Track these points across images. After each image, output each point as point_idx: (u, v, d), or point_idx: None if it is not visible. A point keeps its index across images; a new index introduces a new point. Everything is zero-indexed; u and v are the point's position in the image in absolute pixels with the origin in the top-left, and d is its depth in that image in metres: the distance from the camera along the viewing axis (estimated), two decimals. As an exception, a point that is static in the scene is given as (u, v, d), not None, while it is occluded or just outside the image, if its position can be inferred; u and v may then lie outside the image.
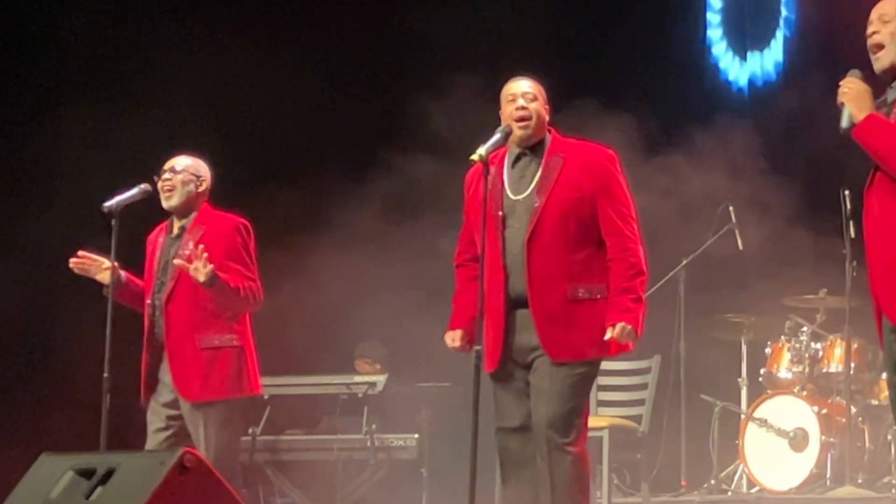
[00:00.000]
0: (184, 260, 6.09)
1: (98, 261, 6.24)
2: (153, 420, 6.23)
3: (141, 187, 6.32)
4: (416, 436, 8.32)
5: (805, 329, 8.49)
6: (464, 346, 5.59)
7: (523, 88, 5.58)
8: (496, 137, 5.48)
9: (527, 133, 5.54)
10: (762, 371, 8.58)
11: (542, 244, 5.45)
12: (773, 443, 8.20)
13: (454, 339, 5.62)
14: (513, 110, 5.54)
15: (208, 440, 6.04)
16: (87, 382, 6.74)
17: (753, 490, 8.28)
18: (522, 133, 5.54)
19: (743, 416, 8.42)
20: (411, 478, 8.30)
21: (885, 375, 7.82)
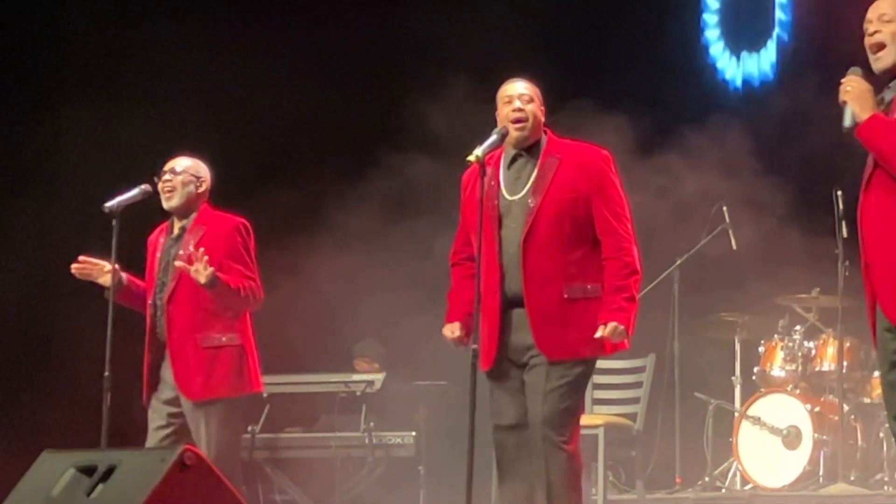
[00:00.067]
0: (184, 261, 6.08)
1: (99, 264, 6.23)
2: (154, 418, 6.23)
3: (141, 188, 6.32)
4: (414, 433, 8.33)
5: (798, 328, 8.48)
6: (462, 339, 5.55)
7: (519, 90, 5.56)
8: (493, 139, 5.46)
9: (523, 135, 5.53)
10: (756, 369, 8.57)
11: (538, 244, 5.44)
12: (767, 440, 8.20)
13: (453, 331, 5.58)
14: (509, 112, 5.52)
15: (209, 438, 6.05)
16: (88, 381, 6.75)
17: (747, 487, 8.27)
18: (519, 135, 5.52)
19: (737, 414, 8.41)
20: (409, 475, 8.30)
21: (878, 373, 7.88)
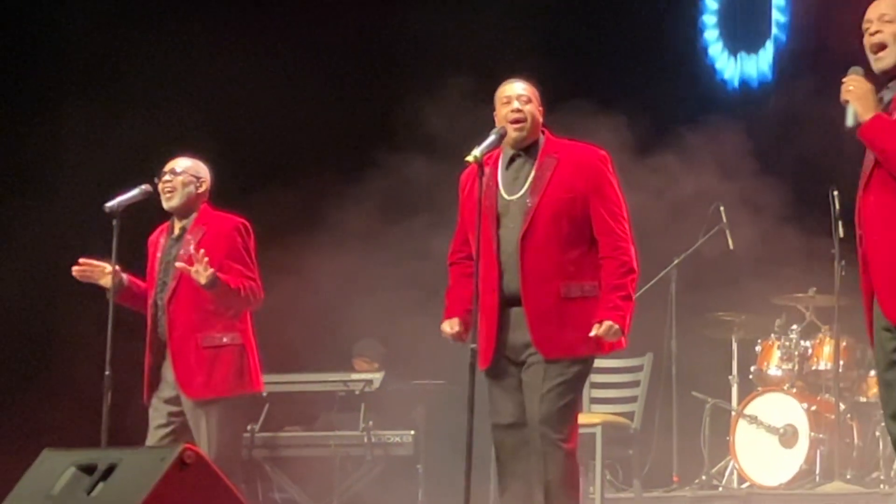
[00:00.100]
0: (185, 262, 6.09)
1: (100, 266, 6.23)
2: (154, 416, 6.24)
3: (142, 188, 6.32)
4: (412, 432, 8.35)
5: (794, 327, 8.49)
6: (461, 334, 5.56)
7: (518, 91, 5.57)
8: (491, 139, 5.48)
9: (521, 135, 5.54)
10: (752, 368, 8.58)
11: (536, 243, 5.45)
12: (763, 439, 8.22)
13: (452, 326, 5.58)
14: (507, 112, 5.54)
15: (210, 437, 6.05)
16: (89, 380, 6.76)
17: (744, 486, 8.28)
18: (517, 135, 5.54)
19: (733, 413, 8.43)
20: (407, 473, 8.32)
21: (875, 372, 7.89)
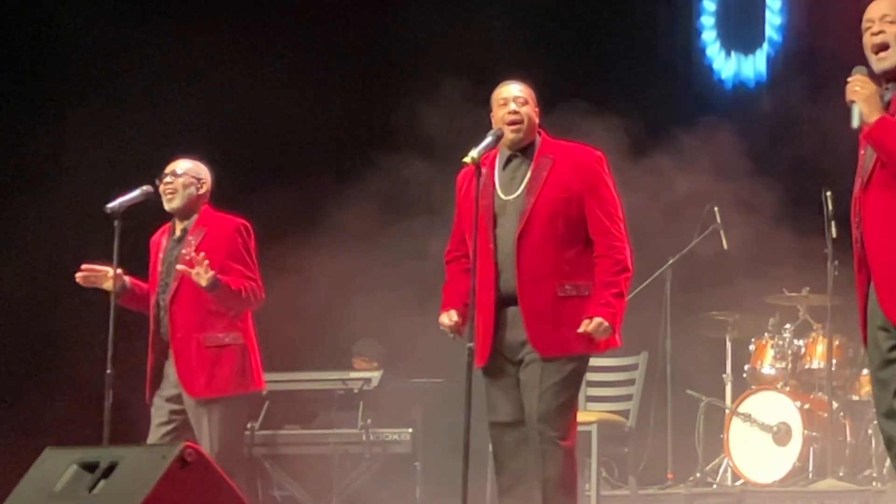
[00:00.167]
0: (185, 264, 6.12)
1: (102, 270, 6.25)
2: (156, 414, 6.26)
3: (143, 189, 6.34)
4: (410, 430, 8.34)
5: (788, 326, 8.51)
6: (459, 326, 5.56)
7: (514, 92, 5.62)
8: (488, 140, 5.51)
9: (518, 136, 5.58)
10: (746, 367, 8.59)
11: (532, 243, 5.48)
12: (757, 437, 8.24)
13: (450, 317, 5.59)
14: (504, 114, 5.58)
15: (212, 435, 6.07)
16: (91, 378, 6.78)
17: (738, 483, 8.29)
18: (514, 136, 5.58)
19: (727, 411, 8.44)
20: (405, 471, 8.33)
21: (868, 371, 7.96)
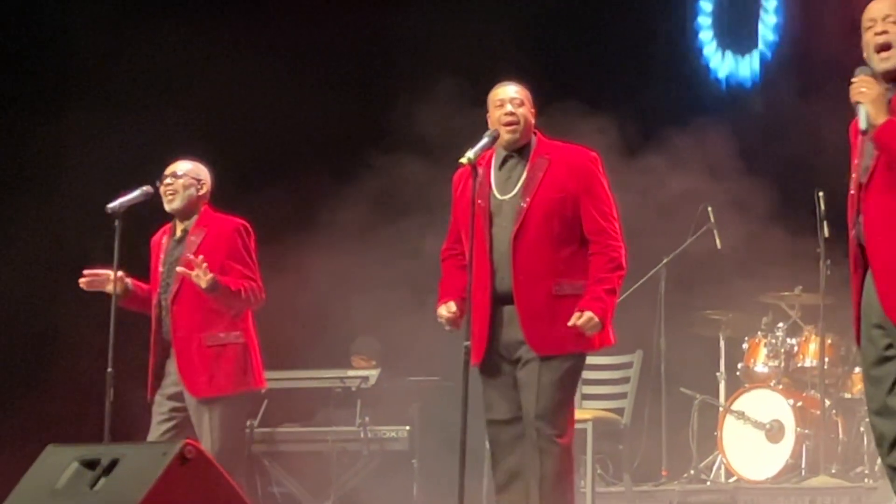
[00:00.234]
0: (185, 266, 6.15)
1: (104, 274, 6.27)
2: (157, 412, 6.28)
3: (143, 189, 6.37)
4: (408, 428, 8.40)
5: (781, 325, 8.53)
6: (457, 317, 5.57)
7: (510, 94, 5.66)
8: (484, 141, 5.54)
9: (514, 137, 5.63)
10: (739, 365, 8.64)
11: (528, 242, 5.52)
12: (751, 434, 8.28)
13: (449, 309, 5.61)
14: (501, 115, 5.63)
15: (213, 433, 6.10)
16: (92, 377, 6.82)
17: (731, 480, 8.32)
18: (510, 137, 5.63)
19: (721, 409, 8.48)
20: (403, 468, 8.37)
21: (858, 369, 8.05)
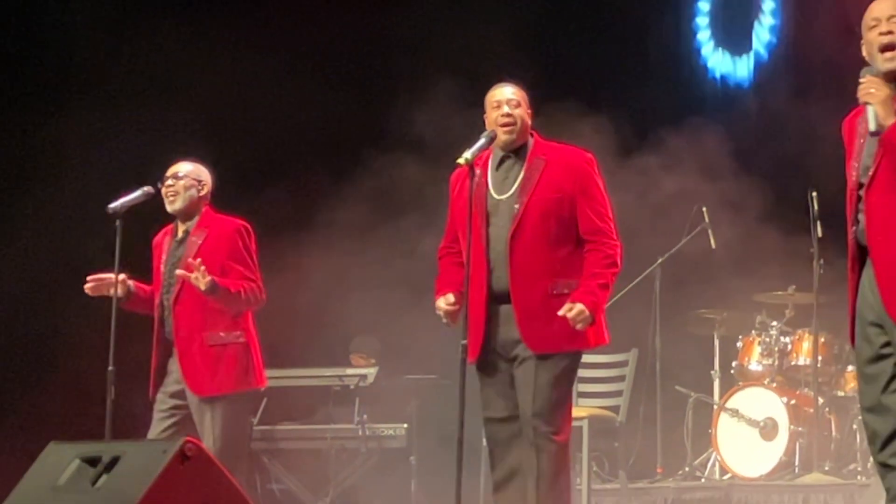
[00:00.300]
0: (185, 268, 6.19)
1: (109, 278, 6.29)
2: (159, 409, 6.32)
3: (144, 189, 6.41)
4: (406, 425, 8.44)
5: (774, 324, 8.55)
6: (455, 311, 5.60)
7: (507, 95, 5.70)
8: (481, 142, 5.58)
9: (511, 138, 5.67)
10: (734, 364, 8.67)
11: (525, 242, 5.56)
12: (745, 432, 8.31)
13: (447, 300, 5.62)
14: (498, 116, 5.67)
15: (214, 432, 6.14)
16: (93, 375, 6.82)
17: (726, 477, 8.36)
18: (507, 138, 5.67)
19: (715, 407, 8.51)
20: (401, 465, 8.41)
21: (851, 368, 8.11)
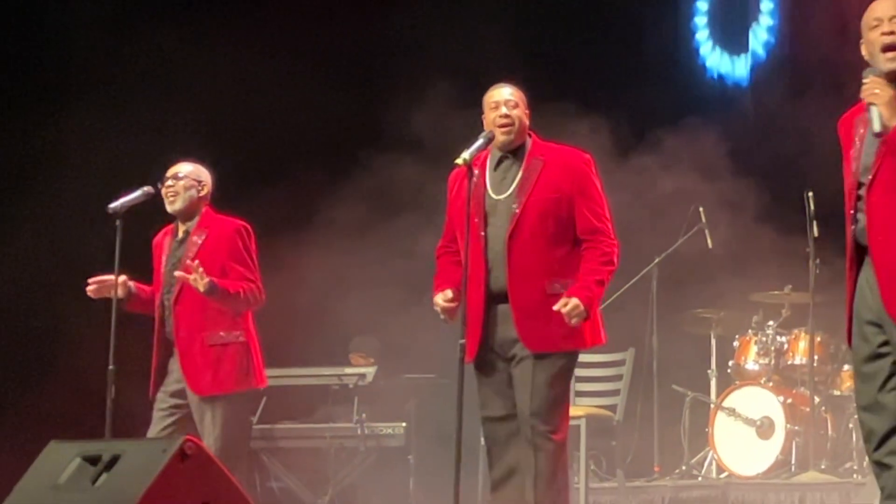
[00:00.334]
0: (184, 269, 6.22)
1: (110, 280, 6.31)
2: (159, 408, 6.35)
3: (144, 189, 6.43)
4: (404, 424, 8.47)
5: (771, 323, 8.56)
6: (453, 307, 5.62)
7: (505, 96, 5.72)
8: (479, 142, 5.61)
9: (509, 138, 5.69)
10: (730, 363, 8.69)
11: (522, 241, 5.58)
12: (741, 431, 8.32)
13: (445, 296, 5.64)
14: (496, 117, 5.69)
15: (215, 431, 6.17)
16: (93, 374, 6.82)
17: (722, 475, 8.38)
18: (505, 138, 5.69)
19: (712, 406, 8.51)
20: (399, 464, 8.44)
21: (847, 367, 8.15)
